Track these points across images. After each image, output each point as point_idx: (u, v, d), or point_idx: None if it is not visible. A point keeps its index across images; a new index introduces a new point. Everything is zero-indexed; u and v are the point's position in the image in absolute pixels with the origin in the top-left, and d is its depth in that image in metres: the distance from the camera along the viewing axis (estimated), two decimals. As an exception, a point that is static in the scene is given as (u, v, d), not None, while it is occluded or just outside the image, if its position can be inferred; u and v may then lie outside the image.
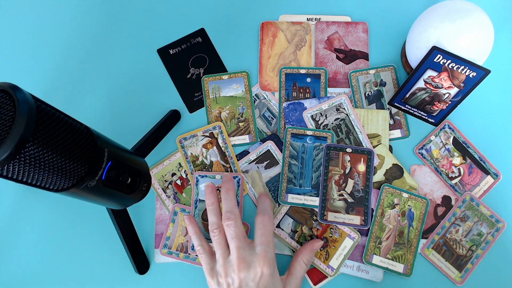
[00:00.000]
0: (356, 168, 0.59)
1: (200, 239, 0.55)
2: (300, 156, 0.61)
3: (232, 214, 0.52)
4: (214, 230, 0.53)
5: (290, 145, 0.61)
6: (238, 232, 0.51)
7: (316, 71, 0.65)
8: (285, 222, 0.60)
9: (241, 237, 0.51)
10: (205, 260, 0.53)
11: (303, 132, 0.61)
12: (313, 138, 0.61)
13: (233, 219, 0.52)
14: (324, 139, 0.61)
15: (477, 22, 0.52)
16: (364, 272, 0.58)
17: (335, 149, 0.60)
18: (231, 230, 0.51)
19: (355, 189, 0.59)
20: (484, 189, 0.60)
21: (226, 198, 0.54)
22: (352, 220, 0.58)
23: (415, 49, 0.56)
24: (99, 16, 0.70)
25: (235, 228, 0.51)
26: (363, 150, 0.60)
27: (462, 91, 0.55)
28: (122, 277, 0.61)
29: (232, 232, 0.51)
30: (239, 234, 0.51)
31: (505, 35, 0.65)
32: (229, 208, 0.53)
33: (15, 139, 0.33)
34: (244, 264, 0.49)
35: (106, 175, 0.45)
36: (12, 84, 0.36)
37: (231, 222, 0.51)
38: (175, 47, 0.68)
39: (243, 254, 0.49)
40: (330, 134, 0.61)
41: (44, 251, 0.62)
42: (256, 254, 0.49)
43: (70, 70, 0.68)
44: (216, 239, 0.52)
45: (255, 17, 0.68)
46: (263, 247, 0.50)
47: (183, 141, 0.63)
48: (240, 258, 0.49)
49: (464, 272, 0.57)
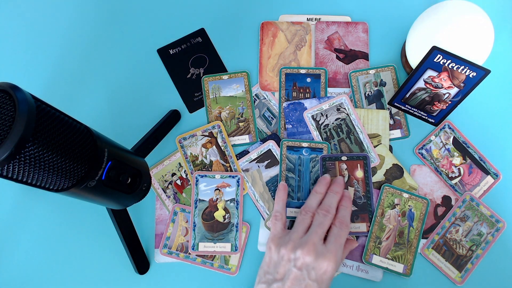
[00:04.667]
0: (354, 175, 0.59)
1: (282, 208, 0.56)
2: (297, 169, 0.61)
3: (331, 210, 0.54)
4: (306, 212, 0.54)
5: (286, 158, 0.61)
6: (325, 226, 0.52)
7: (316, 71, 0.64)
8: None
9: (323, 232, 0.52)
10: (275, 228, 0.54)
11: (299, 144, 0.61)
12: (309, 150, 0.61)
13: (330, 215, 0.53)
14: (320, 151, 0.61)
15: (477, 22, 0.52)
16: (363, 272, 0.58)
17: (330, 159, 0.60)
18: (321, 219, 0.52)
19: (357, 196, 0.59)
20: (484, 189, 0.60)
21: (334, 196, 0.56)
22: (358, 228, 0.58)
23: (415, 49, 0.56)
24: (99, 16, 0.70)
25: (324, 220, 0.52)
26: (358, 156, 0.60)
27: (462, 91, 0.55)
28: (122, 277, 0.61)
29: (320, 221, 0.52)
30: (324, 228, 0.52)
31: (505, 35, 0.65)
32: (333, 204, 0.55)
33: (15, 139, 0.33)
34: (315, 251, 0.49)
35: (106, 175, 0.45)
36: (12, 84, 0.36)
37: (327, 214, 0.53)
38: (175, 47, 0.68)
39: (317, 243, 0.50)
40: (326, 145, 0.61)
41: (44, 251, 0.62)
42: (328, 250, 0.49)
43: (70, 70, 0.68)
44: (302, 218, 0.53)
45: (255, 17, 0.68)
46: (337, 246, 0.50)
47: (182, 141, 0.63)
48: (313, 244, 0.49)
49: (464, 272, 0.57)
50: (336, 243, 0.51)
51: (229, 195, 0.61)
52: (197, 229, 0.60)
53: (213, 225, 0.60)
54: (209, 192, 0.61)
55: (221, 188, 0.61)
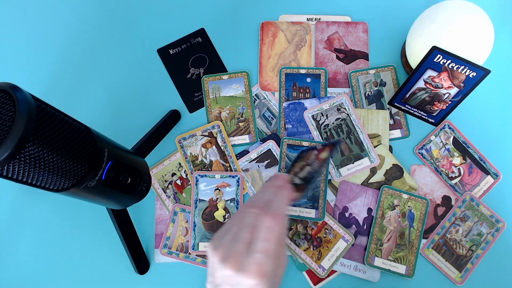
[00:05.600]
0: (319, 157, 0.52)
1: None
2: None
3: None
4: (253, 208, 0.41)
5: (286, 156, 0.61)
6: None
7: (316, 71, 0.64)
8: (285, 222, 0.60)
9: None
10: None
11: (299, 143, 0.61)
12: None
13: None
14: None
15: (477, 22, 0.52)
16: (361, 272, 0.58)
17: (307, 150, 0.55)
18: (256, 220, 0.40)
19: (307, 172, 0.50)
20: (484, 189, 0.60)
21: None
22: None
23: (415, 49, 0.56)
24: (99, 16, 0.70)
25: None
26: (331, 143, 0.55)
27: (462, 91, 0.55)
28: (122, 277, 0.61)
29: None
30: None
31: (505, 35, 0.65)
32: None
33: (15, 139, 0.33)
34: (237, 263, 0.37)
35: (106, 175, 0.45)
36: (12, 84, 0.36)
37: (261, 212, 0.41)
38: (175, 47, 0.68)
39: (241, 252, 0.38)
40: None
41: (44, 251, 0.62)
42: (250, 262, 0.37)
43: (70, 70, 0.68)
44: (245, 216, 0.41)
45: (255, 17, 0.68)
46: (262, 256, 0.38)
47: (182, 141, 0.63)
48: (238, 253, 0.38)
49: (464, 272, 0.57)
50: (263, 249, 0.38)
51: (229, 195, 0.61)
52: (197, 229, 0.60)
53: (213, 225, 0.60)
54: (209, 192, 0.61)
55: (221, 188, 0.61)
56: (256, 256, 0.38)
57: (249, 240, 0.39)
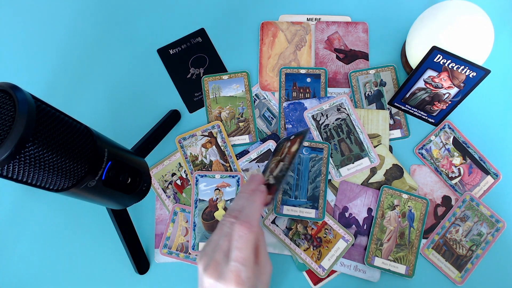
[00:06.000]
0: (290, 150, 0.51)
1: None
2: (296, 168, 0.61)
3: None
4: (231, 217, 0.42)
5: None
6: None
7: (316, 71, 0.64)
8: (281, 218, 0.60)
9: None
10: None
11: None
12: (309, 150, 0.61)
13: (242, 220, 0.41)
14: (320, 150, 0.61)
15: (477, 22, 0.52)
16: (361, 272, 0.58)
17: (283, 142, 0.54)
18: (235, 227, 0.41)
19: (280, 170, 0.49)
20: (484, 189, 0.60)
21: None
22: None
23: (415, 49, 0.56)
24: (99, 16, 0.70)
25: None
26: (301, 132, 0.53)
27: (462, 91, 0.55)
28: (122, 277, 0.61)
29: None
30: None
31: (505, 35, 0.65)
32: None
33: (15, 139, 0.33)
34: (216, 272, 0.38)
35: (106, 175, 0.45)
36: (12, 84, 0.36)
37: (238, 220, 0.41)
38: (175, 47, 0.68)
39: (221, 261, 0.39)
40: (327, 145, 0.60)
41: (44, 251, 0.62)
42: (228, 270, 0.38)
43: (70, 70, 0.68)
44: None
45: (255, 17, 0.68)
46: (237, 265, 0.38)
47: (182, 141, 0.63)
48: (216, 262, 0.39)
49: (464, 272, 0.57)
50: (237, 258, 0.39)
51: (229, 195, 0.61)
52: (197, 229, 0.60)
53: (213, 225, 0.60)
54: (209, 192, 0.61)
55: (221, 188, 0.61)
56: (232, 264, 0.38)
57: (227, 249, 0.40)
